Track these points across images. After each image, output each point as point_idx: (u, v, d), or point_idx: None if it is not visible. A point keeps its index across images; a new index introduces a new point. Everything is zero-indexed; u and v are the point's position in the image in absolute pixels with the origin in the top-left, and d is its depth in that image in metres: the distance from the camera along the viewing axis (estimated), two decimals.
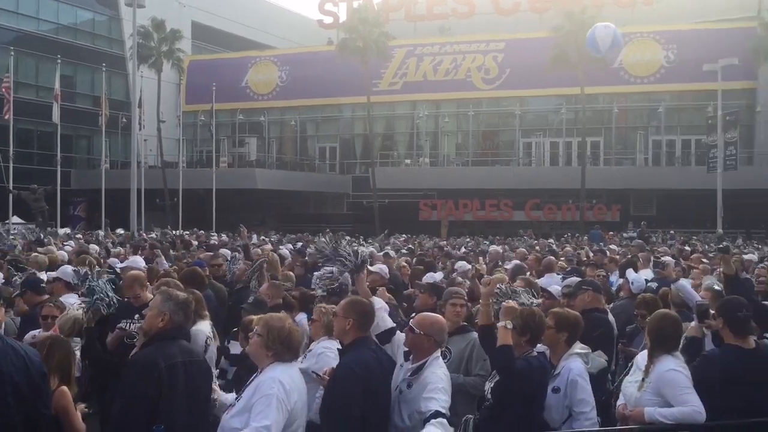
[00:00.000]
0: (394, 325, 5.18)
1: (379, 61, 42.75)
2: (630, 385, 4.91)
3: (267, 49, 51.89)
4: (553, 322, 4.99)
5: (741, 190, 35.04)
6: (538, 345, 4.93)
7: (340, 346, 4.83)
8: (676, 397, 4.52)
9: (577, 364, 4.82)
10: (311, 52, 48.86)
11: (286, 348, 4.11)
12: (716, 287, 6.45)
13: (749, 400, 4.70)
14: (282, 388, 3.94)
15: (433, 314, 5.02)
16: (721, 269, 6.39)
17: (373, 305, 4.88)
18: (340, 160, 48.78)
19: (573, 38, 38.18)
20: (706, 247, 19.55)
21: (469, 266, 11.17)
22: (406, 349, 4.68)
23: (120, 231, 25.27)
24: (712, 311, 5.14)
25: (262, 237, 24.19)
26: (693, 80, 38.78)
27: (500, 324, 4.64)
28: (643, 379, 4.75)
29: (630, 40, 43.20)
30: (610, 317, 7.30)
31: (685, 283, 6.81)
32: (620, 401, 4.94)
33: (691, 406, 4.46)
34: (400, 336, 4.97)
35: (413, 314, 5.52)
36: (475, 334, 5.09)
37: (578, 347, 4.95)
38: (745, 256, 15.39)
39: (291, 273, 9.75)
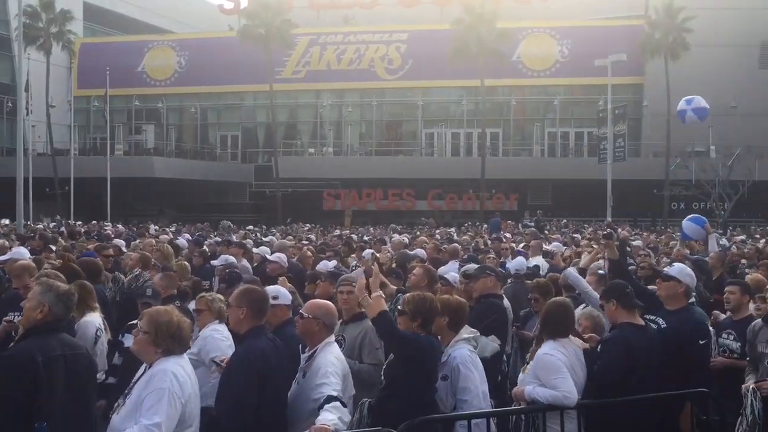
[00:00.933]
0: None
1: (281, 48, 42.15)
2: (520, 368, 5.09)
3: (165, 34, 50.16)
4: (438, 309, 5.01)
5: (629, 181, 36.89)
6: None
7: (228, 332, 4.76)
8: (548, 381, 4.69)
9: (461, 352, 4.84)
10: (211, 38, 47.66)
11: (176, 341, 3.98)
12: (600, 271, 6.76)
13: (641, 375, 4.96)
14: (175, 381, 3.81)
15: (323, 300, 5.04)
16: (606, 255, 6.70)
17: (267, 294, 4.82)
18: (242, 149, 47.89)
19: (473, 31, 39.08)
20: (597, 234, 20.43)
21: (372, 253, 11.29)
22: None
23: (5, 221, 23.89)
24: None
25: (158, 227, 23.47)
26: (585, 75, 40.34)
27: (374, 294, 4.65)
28: (527, 362, 4.90)
29: (527, 34, 44.63)
30: (506, 302, 7.53)
31: (572, 270, 7.08)
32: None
33: (561, 391, 4.61)
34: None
35: None
36: (368, 322, 5.10)
37: (466, 332, 4.99)
38: (633, 243, 16.31)
39: (185, 263, 9.51)
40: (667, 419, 5.06)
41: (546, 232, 24.77)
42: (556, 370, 4.69)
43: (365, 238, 18.84)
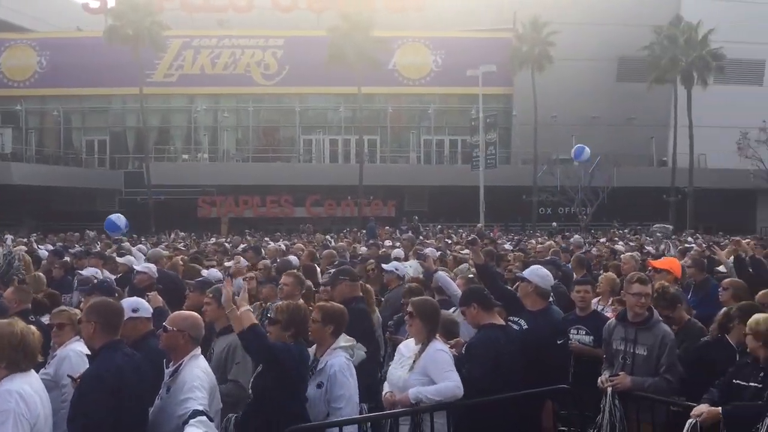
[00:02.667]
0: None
1: (152, 51, 40.61)
2: (395, 371, 5.08)
3: (24, 32, 47.01)
4: (320, 316, 4.96)
5: (500, 187, 38.32)
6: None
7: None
8: (440, 374, 4.76)
9: (339, 359, 4.81)
10: (76, 38, 45.11)
11: (21, 355, 3.70)
12: (470, 275, 6.93)
13: (505, 374, 5.08)
14: (21, 402, 3.55)
15: (188, 311, 4.86)
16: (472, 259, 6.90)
17: (120, 306, 4.57)
18: (110, 155, 45.57)
19: (350, 38, 39.34)
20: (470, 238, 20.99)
21: (247, 263, 11.04)
22: None
23: None
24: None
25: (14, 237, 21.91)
26: (458, 84, 41.56)
27: (241, 310, 4.55)
28: (414, 362, 4.92)
29: (402, 43, 45.47)
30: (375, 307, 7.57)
31: (443, 273, 7.22)
32: (386, 389, 5.07)
33: (452, 381, 4.72)
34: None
35: None
36: (234, 336, 4.97)
37: (343, 340, 4.96)
38: (505, 246, 16.98)
39: (40, 275, 8.90)
40: (529, 417, 5.24)
41: (421, 237, 25.29)
42: (449, 364, 4.80)
43: (240, 246, 18.43)
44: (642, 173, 43.65)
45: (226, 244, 18.38)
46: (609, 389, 5.11)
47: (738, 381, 4.50)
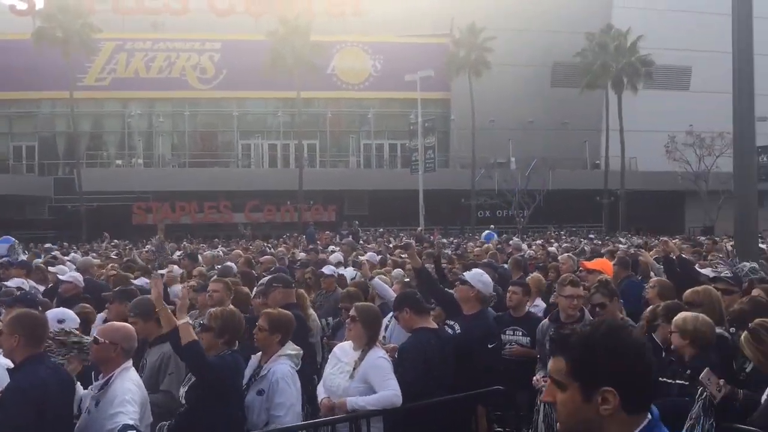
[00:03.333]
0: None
1: (83, 54, 39.45)
2: (333, 377, 5.03)
3: None
4: (267, 324, 4.88)
5: (439, 191, 38.68)
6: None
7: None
8: (381, 383, 4.75)
9: (283, 367, 4.75)
10: (2, 40, 43.48)
11: None
12: (406, 279, 6.95)
13: (437, 378, 5.10)
14: None
15: (120, 322, 4.73)
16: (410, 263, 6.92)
17: (44, 318, 4.41)
18: (39, 160, 44.03)
19: (289, 43, 39.11)
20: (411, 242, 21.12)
21: (182, 271, 10.81)
22: None
23: None
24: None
25: None
26: (397, 89, 41.83)
27: (180, 322, 4.46)
28: (354, 368, 4.89)
29: (341, 48, 45.45)
30: (311, 312, 7.53)
31: (378, 280, 7.23)
32: (322, 394, 5.03)
33: (392, 390, 4.73)
34: None
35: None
36: (168, 346, 4.85)
37: (290, 348, 4.90)
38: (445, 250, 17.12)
39: None
40: (462, 420, 5.28)
41: (361, 242, 25.29)
42: (389, 372, 4.81)
43: (177, 253, 18.04)
44: (576, 176, 44.73)
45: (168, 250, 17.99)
46: (542, 390, 5.19)
47: (664, 379, 4.63)
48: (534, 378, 5.37)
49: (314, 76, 39.88)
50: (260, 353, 4.95)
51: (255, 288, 7.41)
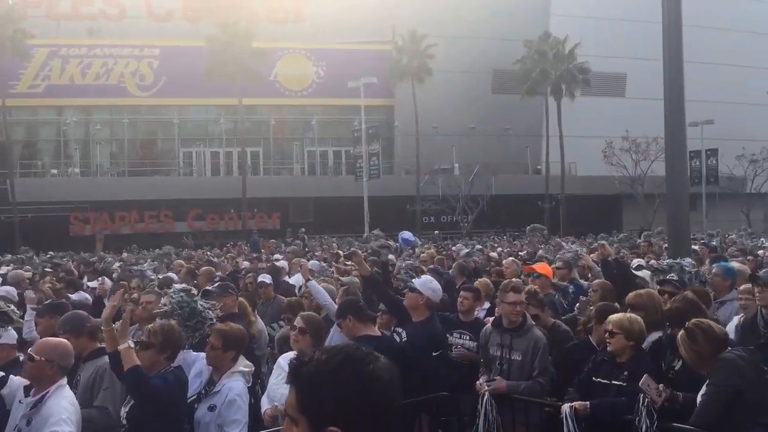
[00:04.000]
0: None
1: (15, 60, 38.23)
2: (277, 387, 4.96)
3: None
4: (220, 342, 4.77)
5: (384, 197, 38.78)
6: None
7: None
8: None
9: (238, 384, 4.67)
10: None
11: None
12: (344, 287, 6.91)
13: None
14: None
15: (56, 338, 4.56)
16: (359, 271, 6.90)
17: None
18: None
19: (229, 49, 38.68)
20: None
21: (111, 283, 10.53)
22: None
23: None
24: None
25: None
26: (340, 96, 41.83)
27: (122, 347, 4.33)
28: None
29: (283, 55, 45.20)
30: (259, 322, 7.42)
31: (314, 282, 7.21)
32: (266, 405, 4.95)
33: None
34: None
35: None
36: (104, 360, 4.70)
37: (242, 365, 4.81)
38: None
39: None
40: (406, 428, 5.28)
41: (306, 249, 25.12)
42: None
43: (116, 264, 17.58)
44: (518, 181, 45.47)
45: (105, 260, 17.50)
46: (486, 393, 5.24)
47: (599, 379, 4.72)
48: (477, 383, 5.41)
49: (256, 83, 39.53)
50: (211, 369, 4.86)
51: None
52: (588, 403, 4.53)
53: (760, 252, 14.37)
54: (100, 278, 10.31)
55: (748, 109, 48.39)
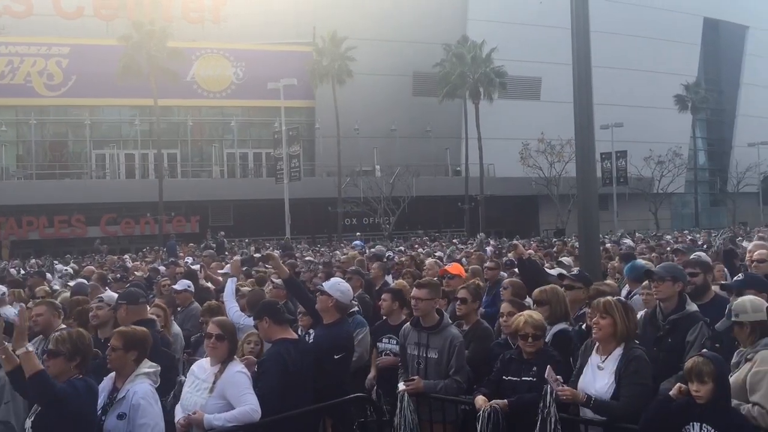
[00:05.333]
0: None
1: None
2: (190, 395, 4.84)
3: None
4: (121, 343, 4.59)
5: (305, 199, 38.56)
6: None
7: None
8: (238, 398, 4.63)
9: (143, 386, 4.49)
10: None
11: None
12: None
13: (298, 389, 5.06)
14: None
15: None
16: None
17: None
18: None
19: (144, 48, 37.61)
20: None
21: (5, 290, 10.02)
22: None
23: None
24: None
25: None
26: (260, 97, 41.31)
27: (20, 351, 4.12)
28: (214, 383, 4.71)
29: (201, 55, 44.31)
30: (175, 326, 7.23)
31: (230, 282, 7.12)
32: (179, 414, 4.82)
33: (250, 405, 4.62)
34: None
35: None
36: (1, 373, 4.47)
37: (146, 366, 4.64)
38: (306, 258, 17.06)
39: None
40: (312, 429, 5.33)
41: (226, 252, 24.73)
42: (247, 387, 4.70)
43: (22, 272, 16.83)
44: (439, 183, 46.12)
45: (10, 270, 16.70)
46: (405, 394, 5.26)
47: (509, 377, 4.82)
48: (399, 384, 5.43)
49: (173, 84, 38.58)
50: (113, 374, 4.66)
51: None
52: (506, 401, 4.59)
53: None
54: None
55: (655, 112, 50.73)
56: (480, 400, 4.73)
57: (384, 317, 6.51)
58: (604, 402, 4.33)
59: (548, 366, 4.43)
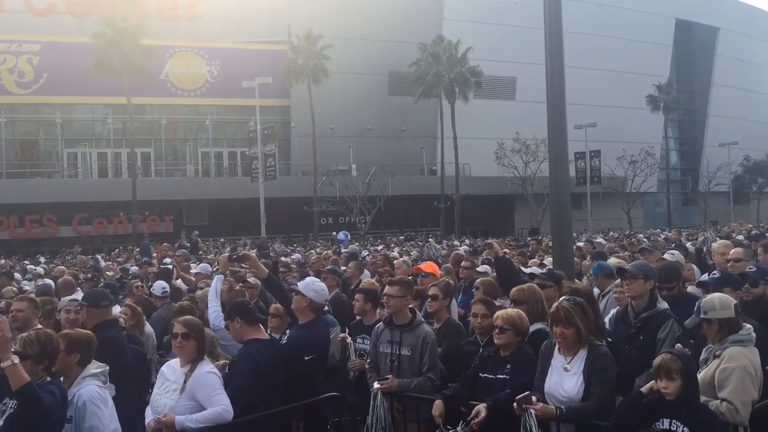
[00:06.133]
0: None
1: None
2: (159, 397, 4.78)
3: None
4: (64, 345, 4.52)
5: (281, 198, 38.40)
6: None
7: None
8: (209, 399, 4.59)
9: (89, 389, 4.41)
10: None
11: None
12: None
13: (270, 389, 5.04)
14: None
15: None
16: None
17: None
18: None
19: (117, 46, 37.15)
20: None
21: None
22: None
23: None
24: None
25: None
26: (235, 96, 41.08)
27: (5, 365, 4.00)
28: (185, 382, 4.67)
29: (175, 53, 43.92)
30: (148, 328, 7.17)
31: (216, 282, 7.06)
32: (149, 416, 4.77)
33: (221, 405, 4.57)
34: None
35: None
36: None
37: (93, 367, 4.57)
38: (283, 258, 16.99)
39: None
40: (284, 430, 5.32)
41: (201, 252, 24.56)
42: (218, 387, 4.65)
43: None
44: (414, 182, 46.19)
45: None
46: (379, 392, 5.25)
47: (485, 375, 4.83)
48: (374, 384, 5.41)
49: (146, 82, 38.14)
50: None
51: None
52: (484, 405, 4.55)
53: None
54: None
55: (628, 112, 51.31)
56: (438, 410, 4.79)
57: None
58: (574, 408, 4.31)
59: (526, 394, 4.39)
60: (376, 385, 5.32)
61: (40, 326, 5.93)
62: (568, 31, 8.73)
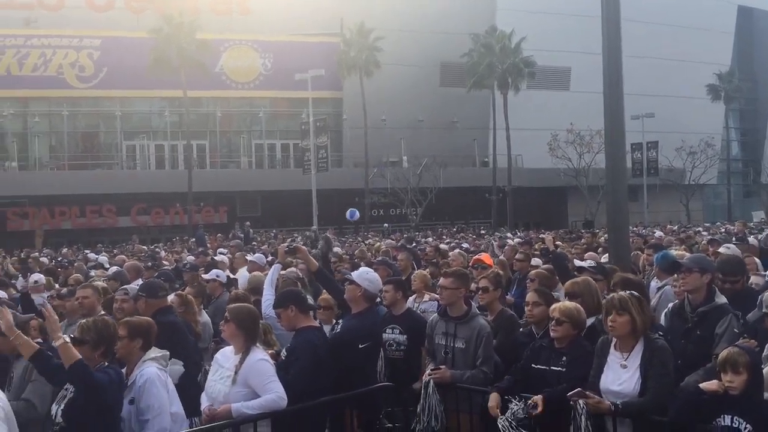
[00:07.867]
0: None
1: None
2: (214, 384, 4.88)
3: None
4: (126, 332, 4.73)
5: (333, 190, 38.64)
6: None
7: None
8: (263, 386, 4.65)
9: (150, 370, 4.61)
10: None
11: None
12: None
13: (323, 376, 5.10)
14: None
15: None
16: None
17: None
18: None
19: (173, 41, 37.93)
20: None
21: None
22: None
23: None
24: None
25: None
26: (288, 88, 41.43)
27: (57, 343, 4.20)
28: (236, 372, 4.76)
29: (229, 46, 44.55)
30: (204, 315, 7.32)
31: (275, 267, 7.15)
32: (205, 403, 4.88)
33: (276, 392, 4.64)
34: None
35: None
36: None
37: (154, 352, 4.76)
38: (336, 249, 17.10)
39: None
40: (337, 419, 5.40)
41: (254, 243, 24.93)
42: (271, 374, 4.70)
43: (59, 259, 17.15)
44: (466, 174, 45.90)
45: (42, 259, 16.99)
46: (430, 383, 5.26)
47: (538, 366, 4.79)
48: (425, 373, 5.43)
49: (202, 75, 38.85)
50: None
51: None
52: (541, 396, 4.50)
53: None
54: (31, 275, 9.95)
55: (687, 102, 49.87)
56: (494, 401, 4.76)
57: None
58: (631, 404, 4.25)
59: (578, 390, 4.34)
60: (427, 373, 5.34)
61: (103, 312, 6.15)
62: (625, 18, 8.52)
